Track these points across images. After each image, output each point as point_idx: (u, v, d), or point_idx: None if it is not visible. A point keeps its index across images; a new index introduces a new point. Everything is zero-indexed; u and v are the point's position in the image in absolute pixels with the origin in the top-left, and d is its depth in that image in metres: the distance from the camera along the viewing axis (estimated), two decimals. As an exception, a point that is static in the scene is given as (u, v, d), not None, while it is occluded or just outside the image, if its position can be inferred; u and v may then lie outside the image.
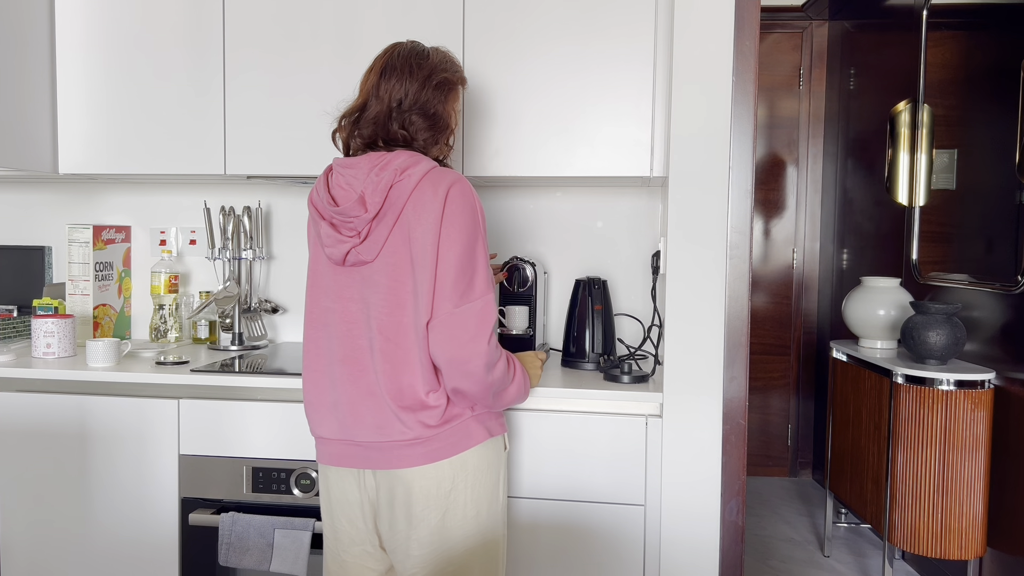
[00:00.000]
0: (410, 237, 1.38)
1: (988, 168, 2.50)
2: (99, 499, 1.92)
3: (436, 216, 1.36)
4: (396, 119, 1.43)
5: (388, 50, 1.48)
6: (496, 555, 1.51)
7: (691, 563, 1.73)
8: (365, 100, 1.45)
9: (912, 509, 2.44)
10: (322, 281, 1.48)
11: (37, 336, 2.02)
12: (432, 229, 1.36)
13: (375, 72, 1.46)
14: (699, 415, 1.72)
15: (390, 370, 1.40)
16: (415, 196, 1.38)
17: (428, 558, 1.44)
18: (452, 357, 1.36)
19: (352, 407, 1.43)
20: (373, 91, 1.44)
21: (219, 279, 2.39)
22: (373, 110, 1.44)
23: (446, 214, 1.37)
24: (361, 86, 1.48)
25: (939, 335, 2.43)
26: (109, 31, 2.11)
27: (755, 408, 3.99)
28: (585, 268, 2.30)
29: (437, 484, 1.42)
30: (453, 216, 1.37)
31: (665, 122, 1.88)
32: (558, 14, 1.93)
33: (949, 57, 2.75)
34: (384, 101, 1.43)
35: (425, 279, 1.37)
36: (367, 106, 1.45)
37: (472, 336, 1.36)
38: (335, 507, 1.51)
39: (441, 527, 1.43)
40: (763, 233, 3.95)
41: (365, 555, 1.52)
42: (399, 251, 1.39)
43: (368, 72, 1.48)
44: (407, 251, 1.38)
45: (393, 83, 1.43)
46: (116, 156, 2.13)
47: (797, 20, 3.85)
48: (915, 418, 2.43)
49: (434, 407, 1.40)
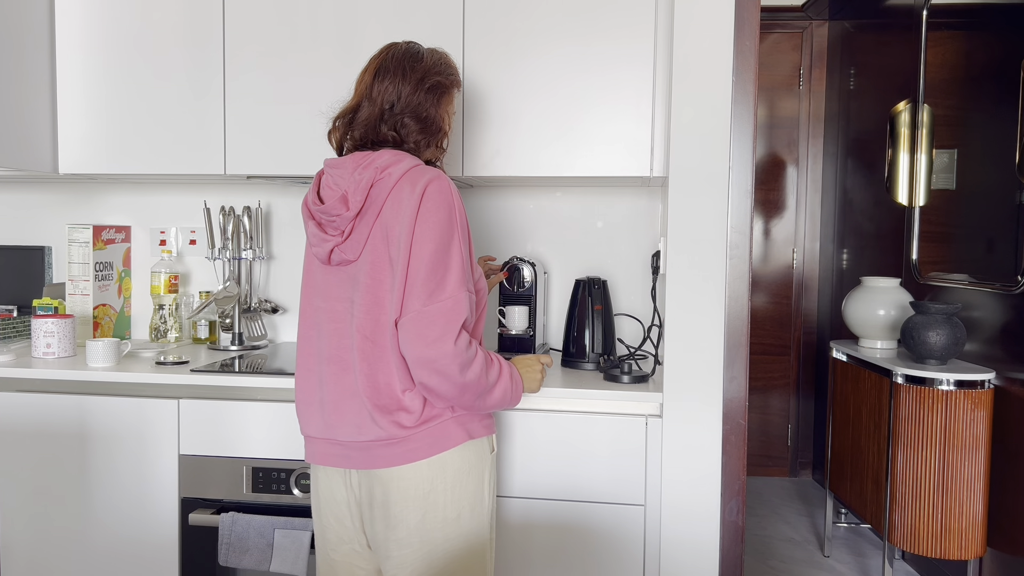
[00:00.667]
0: (388, 235, 1.38)
1: (988, 168, 2.50)
2: (99, 499, 1.92)
3: (412, 213, 1.36)
4: (387, 121, 1.44)
5: (383, 51, 1.48)
6: (482, 559, 1.49)
7: (691, 563, 1.73)
8: (359, 101, 1.46)
9: (912, 509, 2.44)
10: (313, 280, 1.49)
11: (37, 336, 2.02)
12: (408, 226, 1.36)
13: (369, 72, 1.46)
14: (699, 415, 1.72)
15: (367, 369, 1.40)
16: (394, 193, 1.38)
17: (408, 559, 1.43)
18: (419, 356, 1.35)
19: (336, 406, 1.43)
20: (367, 92, 1.45)
21: (219, 279, 2.39)
22: (365, 112, 1.44)
23: (421, 211, 1.36)
24: (356, 86, 1.48)
25: (939, 335, 2.43)
26: (109, 31, 2.11)
27: (755, 408, 3.99)
28: (585, 268, 2.30)
29: (415, 485, 1.41)
30: (428, 213, 1.36)
31: (665, 122, 1.88)
32: (558, 15, 1.93)
33: (949, 57, 2.75)
34: (376, 104, 1.43)
35: (400, 276, 1.36)
36: (360, 107, 1.45)
37: (439, 335, 1.34)
38: (323, 506, 1.52)
39: (421, 528, 1.42)
40: (763, 233, 3.95)
41: (354, 554, 1.52)
42: (379, 249, 1.39)
43: (363, 72, 1.48)
44: (386, 249, 1.38)
45: (386, 85, 1.43)
46: (116, 156, 2.13)
47: (797, 20, 3.85)
48: (915, 418, 2.43)
49: (409, 407, 1.39)
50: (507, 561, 1.79)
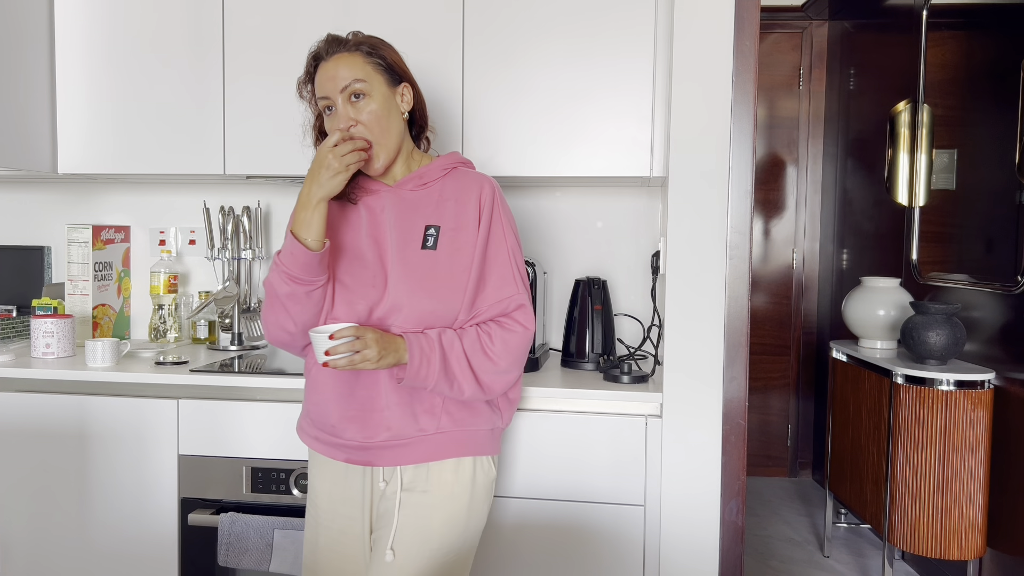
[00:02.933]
0: None
1: (988, 168, 2.50)
2: (99, 499, 1.92)
3: None
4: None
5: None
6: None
7: (691, 563, 1.73)
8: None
9: (912, 509, 2.44)
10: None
11: (36, 336, 2.02)
12: None
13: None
14: (699, 415, 1.72)
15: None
16: None
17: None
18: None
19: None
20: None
21: (218, 279, 2.39)
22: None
23: None
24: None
25: (939, 335, 2.43)
26: (109, 31, 2.11)
27: (755, 408, 3.99)
28: (585, 268, 2.30)
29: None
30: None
31: (665, 122, 1.88)
32: (558, 13, 1.93)
33: (949, 57, 2.75)
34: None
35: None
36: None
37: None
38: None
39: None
40: (763, 233, 3.95)
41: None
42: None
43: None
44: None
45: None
46: (115, 156, 2.13)
47: (797, 20, 3.85)
48: (915, 418, 2.43)
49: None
50: (506, 561, 1.79)
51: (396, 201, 1.45)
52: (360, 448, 1.43)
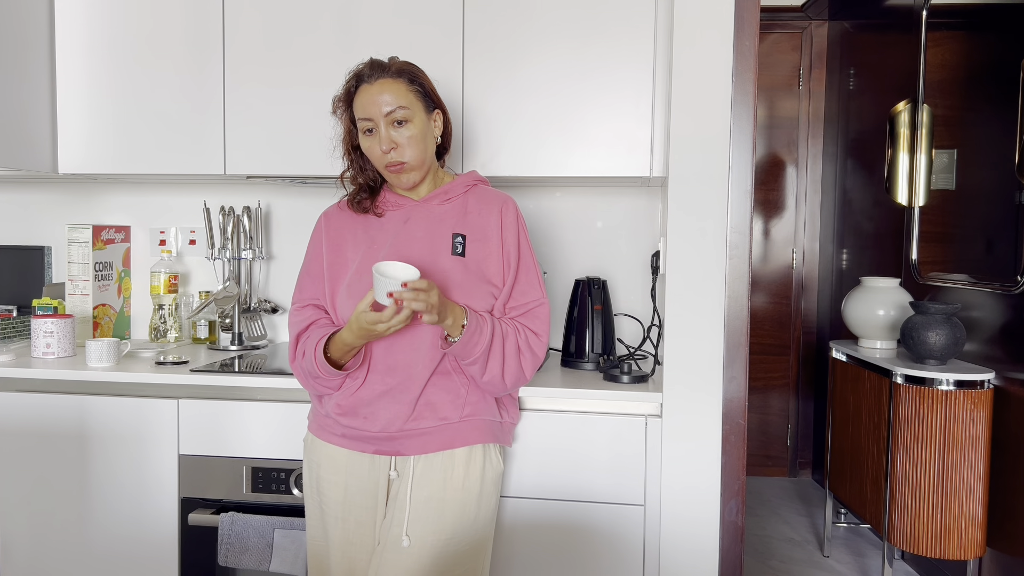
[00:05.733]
0: None
1: (988, 168, 2.51)
2: (99, 499, 1.92)
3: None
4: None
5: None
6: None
7: (691, 563, 1.73)
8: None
9: (912, 509, 2.44)
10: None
11: (37, 336, 2.02)
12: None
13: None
14: (699, 415, 1.72)
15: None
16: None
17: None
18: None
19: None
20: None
21: (219, 279, 2.39)
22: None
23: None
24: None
25: (939, 335, 2.43)
26: (109, 31, 2.11)
27: (755, 408, 3.99)
28: (585, 268, 2.30)
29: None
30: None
31: (665, 122, 1.88)
32: (558, 13, 1.93)
33: (949, 57, 2.75)
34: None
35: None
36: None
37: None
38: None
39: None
40: (763, 233, 3.95)
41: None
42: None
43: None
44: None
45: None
46: (116, 156, 2.13)
47: (797, 20, 3.85)
48: (915, 418, 2.43)
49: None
50: (506, 560, 1.79)
51: (424, 214, 1.58)
52: (388, 439, 1.51)
